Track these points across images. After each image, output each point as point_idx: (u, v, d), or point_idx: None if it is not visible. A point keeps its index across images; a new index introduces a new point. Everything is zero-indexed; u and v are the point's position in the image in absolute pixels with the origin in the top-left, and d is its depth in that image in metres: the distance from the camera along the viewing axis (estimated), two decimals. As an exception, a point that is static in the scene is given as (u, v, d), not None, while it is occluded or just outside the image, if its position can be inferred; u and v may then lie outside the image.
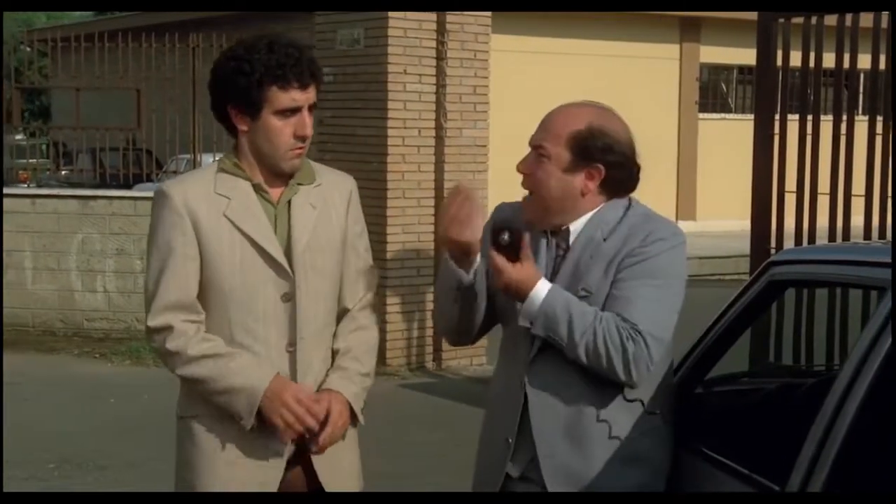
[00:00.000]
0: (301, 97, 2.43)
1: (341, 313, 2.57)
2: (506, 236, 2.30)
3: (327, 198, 2.54)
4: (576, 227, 2.40)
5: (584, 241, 2.39)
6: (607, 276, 2.34)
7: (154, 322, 2.42)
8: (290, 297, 2.46)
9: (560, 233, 2.42)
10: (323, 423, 2.43)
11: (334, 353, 2.54)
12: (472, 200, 2.33)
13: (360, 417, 2.54)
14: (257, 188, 2.48)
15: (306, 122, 2.45)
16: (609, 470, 2.35)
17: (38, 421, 6.46)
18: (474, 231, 2.32)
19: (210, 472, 2.45)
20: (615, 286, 2.32)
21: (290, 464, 2.49)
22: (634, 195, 2.47)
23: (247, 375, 2.40)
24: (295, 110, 2.43)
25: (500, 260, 2.29)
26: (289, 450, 2.47)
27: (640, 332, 2.27)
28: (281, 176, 2.50)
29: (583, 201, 2.39)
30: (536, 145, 2.40)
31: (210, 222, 2.43)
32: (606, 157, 2.36)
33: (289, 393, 2.40)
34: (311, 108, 2.48)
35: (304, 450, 2.48)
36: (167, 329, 2.41)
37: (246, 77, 2.40)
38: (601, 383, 2.34)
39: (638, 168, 2.44)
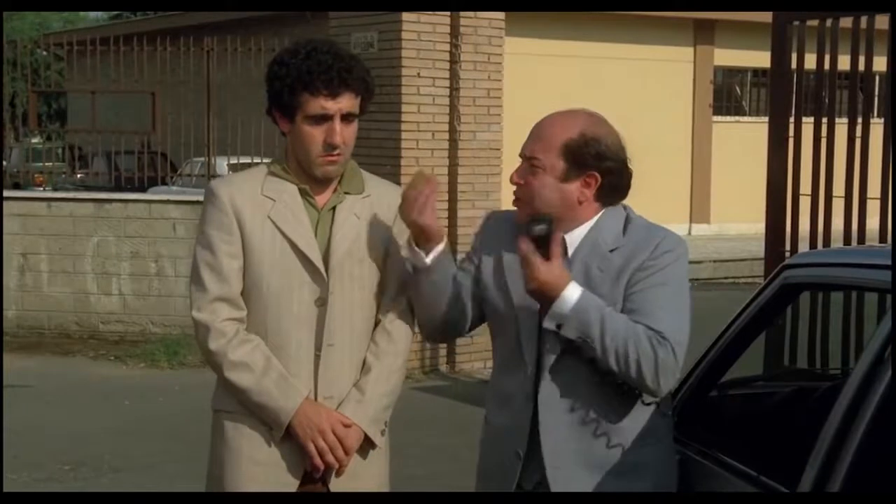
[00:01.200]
0: (331, 105, 2.44)
1: (376, 322, 2.58)
2: (543, 227, 2.28)
3: (375, 209, 2.56)
4: (573, 237, 2.39)
5: (588, 251, 2.38)
6: (617, 289, 2.34)
7: (200, 314, 2.46)
8: (323, 302, 2.48)
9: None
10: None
11: (364, 363, 2.55)
12: (431, 185, 2.40)
13: (378, 441, 2.55)
14: (303, 192, 2.51)
15: (336, 130, 2.45)
16: (619, 481, 2.34)
17: (53, 423, 6.50)
18: (431, 214, 2.40)
19: (235, 468, 2.48)
20: (631, 299, 2.33)
21: (309, 475, 2.50)
22: (627, 202, 2.47)
23: (276, 397, 2.44)
24: (325, 117, 2.45)
25: (534, 256, 2.27)
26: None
27: (666, 339, 2.27)
28: (322, 182, 2.52)
29: (580, 209, 2.39)
30: (529, 156, 2.39)
31: (254, 223, 2.47)
32: (601, 164, 2.36)
33: (325, 421, 2.45)
34: (348, 116, 2.48)
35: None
36: (209, 326, 2.45)
37: (280, 81, 2.45)
38: (615, 394, 2.34)
39: (630, 173, 2.43)
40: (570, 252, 2.39)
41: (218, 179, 2.64)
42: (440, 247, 2.44)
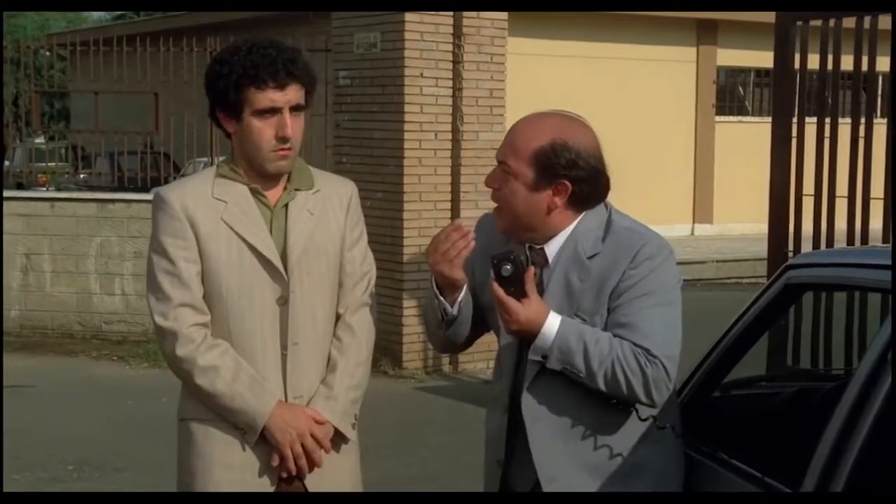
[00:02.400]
0: (279, 97, 2.42)
1: (337, 318, 2.57)
2: (508, 267, 2.25)
3: (326, 204, 2.55)
4: (552, 246, 2.36)
5: (567, 260, 2.34)
6: (599, 299, 2.30)
7: (165, 322, 2.44)
8: (285, 301, 2.47)
9: (536, 249, 2.38)
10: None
11: (329, 359, 2.55)
12: (466, 240, 2.31)
13: (350, 434, 2.54)
14: (254, 192, 2.49)
15: (286, 122, 2.44)
16: (616, 484, 2.34)
17: (57, 423, 6.50)
18: (460, 266, 2.33)
19: (207, 474, 2.47)
20: (616, 312, 2.28)
21: (283, 478, 2.49)
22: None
23: (249, 401, 2.42)
24: (274, 111, 2.43)
25: (508, 300, 2.24)
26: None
27: (655, 356, 2.24)
28: (273, 178, 2.50)
29: (550, 218, 2.34)
30: (501, 161, 2.35)
31: (208, 226, 2.45)
32: (571, 173, 2.30)
33: (303, 423, 2.44)
34: (297, 108, 2.46)
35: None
36: (176, 333, 2.43)
37: (225, 79, 2.42)
38: (604, 405, 2.32)
39: (607, 178, 2.37)
40: (550, 261, 2.36)
41: (166, 186, 2.59)
42: (462, 293, 2.39)
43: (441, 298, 2.37)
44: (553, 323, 2.26)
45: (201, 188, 2.49)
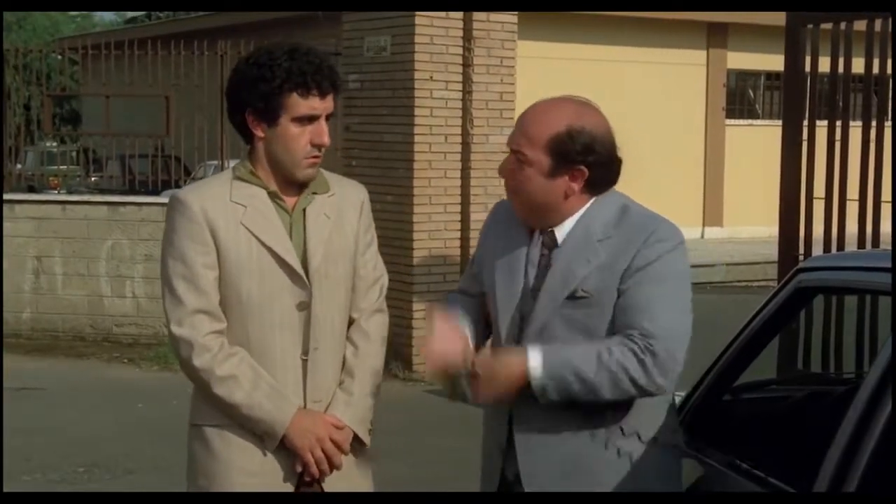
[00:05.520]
0: (320, 105, 2.43)
1: (350, 322, 2.57)
2: (465, 377, 2.29)
3: (341, 208, 2.54)
4: (562, 229, 2.36)
5: (576, 241, 2.33)
6: (609, 281, 2.28)
7: (181, 329, 2.41)
8: (305, 306, 2.46)
9: (547, 232, 2.38)
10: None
11: (344, 363, 2.55)
12: (451, 327, 2.34)
13: (367, 440, 2.54)
14: (273, 196, 2.47)
15: (323, 130, 2.44)
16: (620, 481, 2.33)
17: (68, 425, 6.52)
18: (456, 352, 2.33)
19: (226, 480, 2.44)
20: (625, 295, 2.27)
21: (302, 484, 2.49)
22: (619, 188, 2.41)
23: (269, 410, 2.41)
24: (313, 118, 2.43)
25: (490, 389, 2.25)
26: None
27: (656, 338, 2.21)
28: (295, 184, 2.49)
29: (567, 202, 2.33)
30: (515, 149, 2.34)
31: (228, 231, 2.42)
32: (588, 158, 2.30)
33: (322, 429, 2.43)
34: (329, 117, 2.47)
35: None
36: (192, 342, 2.40)
37: (267, 83, 2.39)
38: (595, 416, 2.30)
39: (620, 162, 2.36)
40: (559, 242, 2.35)
41: (184, 189, 2.53)
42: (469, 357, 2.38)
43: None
44: (534, 365, 2.23)
45: (219, 191, 2.46)
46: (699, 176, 17.58)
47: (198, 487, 2.51)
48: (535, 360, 2.24)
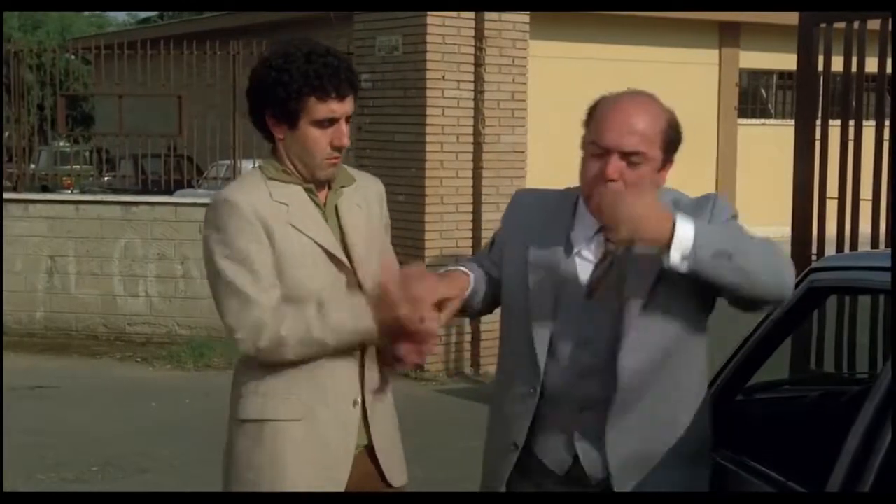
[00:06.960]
0: (339, 108, 2.43)
1: None
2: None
3: (367, 197, 2.60)
4: None
5: None
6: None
7: (264, 343, 2.36)
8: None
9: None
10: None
11: None
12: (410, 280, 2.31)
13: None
14: (309, 192, 2.49)
15: (343, 132, 2.45)
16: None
17: (81, 424, 6.55)
18: (426, 302, 2.29)
19: (280, 472, 2.42)
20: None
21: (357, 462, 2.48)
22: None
23: (349, 322, 2.37)
24: (332, 121, 2.44)
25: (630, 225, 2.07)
26: (357, 447, 2.47)
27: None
28: (322, 181, 2.52)
29: None
30: (631, 151, 2.21)
31: (279, 230, 2.42)
32: (677, 147, 2.31)
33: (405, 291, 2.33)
34: (349, 118, 2.48)
35: (370, 449, 2.50)
36: (262, 324, 2.36)
37: (284, 87, 2.39)
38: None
39: None
40: None
41: (226, 190, 2.47)
42: (469, 286, 2.39)
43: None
44: (683, 218, 2.09)
45: (260, 191, 2.45)
46: (711, 175, 17.54)
47: (243, 481, 2.47)
48: (683, 218, 2.10)
